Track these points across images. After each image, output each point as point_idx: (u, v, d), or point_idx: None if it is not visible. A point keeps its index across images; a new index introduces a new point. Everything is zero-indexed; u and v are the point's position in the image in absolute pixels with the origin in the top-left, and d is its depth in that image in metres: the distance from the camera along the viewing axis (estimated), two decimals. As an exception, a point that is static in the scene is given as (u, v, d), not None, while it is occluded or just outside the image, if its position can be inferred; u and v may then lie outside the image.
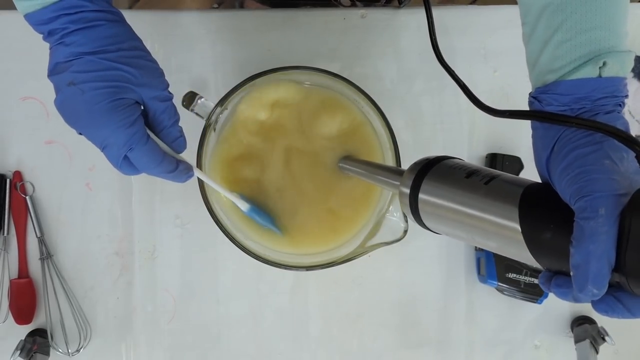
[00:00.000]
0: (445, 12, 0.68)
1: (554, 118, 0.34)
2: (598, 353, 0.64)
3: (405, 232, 0.51)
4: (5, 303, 0.63)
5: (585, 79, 0.35)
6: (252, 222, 0.56)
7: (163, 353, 0.66)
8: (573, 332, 0.68)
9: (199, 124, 0.54)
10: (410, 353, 0.68)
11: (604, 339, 0.65)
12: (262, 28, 0.66)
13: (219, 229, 0.53)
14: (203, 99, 0.56)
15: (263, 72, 0.53)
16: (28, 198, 0.63)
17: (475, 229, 0.35)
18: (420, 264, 0.68)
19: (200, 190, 0.53)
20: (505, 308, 0.69)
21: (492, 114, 0.38)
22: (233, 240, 0.53)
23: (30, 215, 0.63)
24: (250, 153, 0.57)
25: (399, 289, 0.68)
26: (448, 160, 0.39)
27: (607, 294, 0.29)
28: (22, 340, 0.62)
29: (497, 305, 0.69)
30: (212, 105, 0.55)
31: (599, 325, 0.67)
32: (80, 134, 0.42)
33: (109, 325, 0.65)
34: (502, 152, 0.67)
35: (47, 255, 0.63)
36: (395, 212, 0.51)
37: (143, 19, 0.65)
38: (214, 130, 0.56)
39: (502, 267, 0.65)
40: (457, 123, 0.68)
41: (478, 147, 0.68)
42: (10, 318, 0.63)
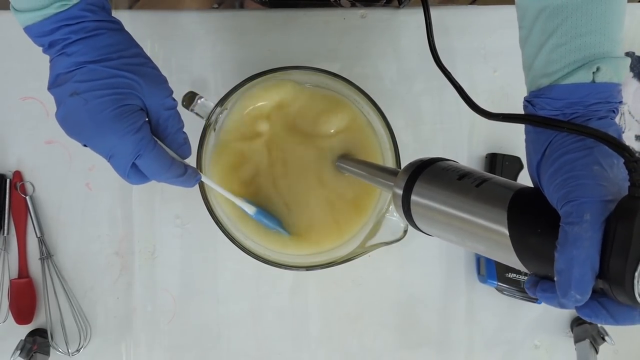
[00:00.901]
0: (445, 12, 0.68)
1: (546, 122, 0.34)
2: (598, 353, 0.64)
3: (405, 232, 0.51)
4: (5, 303, 0.63)
5: (579, 84, 0.35)
6: (252, 222, 0.56)
7: (163, 353, 0.66)
8: (573, 332, 0.68)
9: (199, 124, 0.54)
10: (410, 353, 0.68)
11: (604, 339, 0.65)
12: (262, 28, 0.66)
13: (219, 229, 0.53)
14: (203, 99, 0.56)
15: (263, 72, 0.53)
16: (28, 198, 0.63)
17: (465, 232, 0.35)
18: (420, 264, 0.68)
19: (200, 191, 0.53)
20: (505, 308, 0.69)
21: (486, 117, 0.37)
22: (233, 240, 0.53)
23: (30, 215, 0.63)
24: (251, 154, 0.57)
25: (399, 289, 0.68)
26: (442, 162, 0.39)
27: (591, 300, 0.28)
28: (22, 340, 0.62)
29: (497, 305, 0.69)
30: (212, 105, 0.55)
31: (599, 325, 0.67)
32: (85, 146, 0.41)
33: (109, 325, 0.65)
34: (502, 152, 0.67)
35: (47, 255, 0.63)
36: (395, 212, 0.51)
37: (143, 20, 0.65)
38: (214, 130, 0.56)
39: (501, 267, 0.64)
40: (457, 123, 0.68)
41: (478, 147, 0.68)
42: (10, 318, 0.63)
